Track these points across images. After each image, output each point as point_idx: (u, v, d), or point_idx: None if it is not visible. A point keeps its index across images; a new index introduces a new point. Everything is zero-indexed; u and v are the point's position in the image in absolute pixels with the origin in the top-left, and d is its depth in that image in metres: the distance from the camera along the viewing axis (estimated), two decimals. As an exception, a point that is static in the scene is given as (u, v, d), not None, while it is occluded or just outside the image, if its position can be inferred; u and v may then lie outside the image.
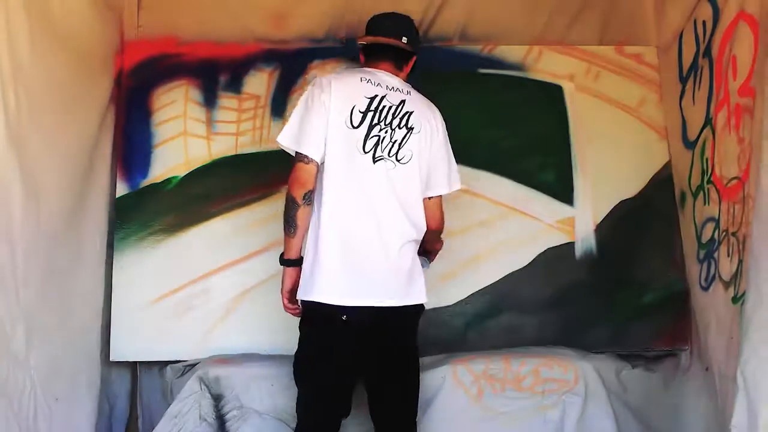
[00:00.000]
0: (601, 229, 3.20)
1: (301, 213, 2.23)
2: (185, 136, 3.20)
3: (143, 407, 3.12)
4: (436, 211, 2.45)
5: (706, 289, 2.66)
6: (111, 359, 2.94)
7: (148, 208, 3.12)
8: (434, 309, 3.08)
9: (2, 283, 2.20)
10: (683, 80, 2.99)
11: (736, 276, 2.34)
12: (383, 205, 2.28)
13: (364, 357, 2.29)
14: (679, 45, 3.02)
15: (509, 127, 3.26)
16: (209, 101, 3.24)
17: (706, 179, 2.70)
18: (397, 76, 2.44)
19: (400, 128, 2.34)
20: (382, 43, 2.42)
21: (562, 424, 2.87)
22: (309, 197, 2.24)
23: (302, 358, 2.32)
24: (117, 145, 3.14)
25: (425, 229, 2.39)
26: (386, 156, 2.31)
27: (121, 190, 3.11)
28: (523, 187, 3.22)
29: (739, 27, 2.47)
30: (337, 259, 2.23)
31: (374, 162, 2.29)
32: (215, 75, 3.25)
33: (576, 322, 3.13)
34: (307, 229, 2.27)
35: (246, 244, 3.11)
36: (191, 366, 2.93)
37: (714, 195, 2.60)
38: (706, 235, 2.66)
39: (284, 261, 2.31)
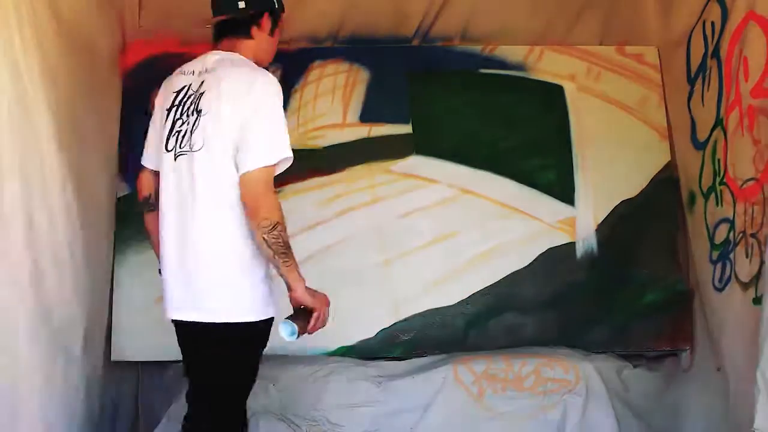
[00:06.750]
0: (602, 229, 3.19)
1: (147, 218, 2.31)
2: (186, 136, 3.19)
3: (144, 407, 3.11)
4: (248, 189, 1.97)
5: (720, 290, 2.63)
6: (112, 359, 2.93)
7: (149, 209, 3.11)
8: (435, 309, 3.09)
9: (62, 286, 2.28)
10: (691, 81, 2.97)
11: (758, 277, 2.31)
12: (188, 204, 2.06)
13: None
14: (688, 46, 3.00)
15: (510, 127, 3.26)
16: (210, 101, 3.23)
17: (718, 180, 2.67)
18: (235, 50, 2.16)
19: (192, 115, 2.10)
20: (217, 21, 2.21)
21: (563, 424, 2.88)
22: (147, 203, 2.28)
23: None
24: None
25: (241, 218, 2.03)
26: (187, 149, 2.08)
27: (122, 190, 3.10)
28: (524, 187, 3.22)
29: (748, 28, 2.46)
30: None
31: (175, 159, 2.11)
32: (216, 75, 3.24)
33: (577, 322, 3.13)
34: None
35: (247, 244, 3.10)
36: (192, 366, 2.93)
37: (728, 196, 2.57)
38: (720, 236, 2.64)
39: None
